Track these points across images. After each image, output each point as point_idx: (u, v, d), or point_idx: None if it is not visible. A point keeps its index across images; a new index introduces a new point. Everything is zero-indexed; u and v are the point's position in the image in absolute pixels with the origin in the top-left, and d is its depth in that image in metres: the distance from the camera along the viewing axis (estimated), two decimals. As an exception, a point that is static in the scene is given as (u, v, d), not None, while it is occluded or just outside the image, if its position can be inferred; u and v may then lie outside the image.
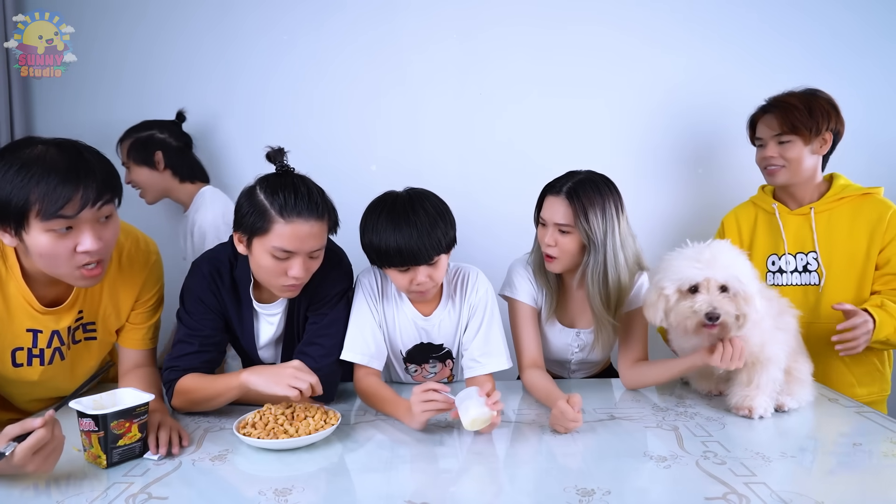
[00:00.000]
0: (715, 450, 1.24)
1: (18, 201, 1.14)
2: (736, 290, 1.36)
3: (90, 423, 1.16)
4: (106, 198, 1.22)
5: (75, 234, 1.20)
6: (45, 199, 1.14)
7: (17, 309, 1.31)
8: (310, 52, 2.38)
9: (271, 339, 1.57)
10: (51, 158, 1.17)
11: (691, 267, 1.38)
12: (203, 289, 1.49)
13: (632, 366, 1.63)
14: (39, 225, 1.16)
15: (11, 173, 1.14)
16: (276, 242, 1.34)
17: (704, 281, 1.37)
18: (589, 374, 1.86)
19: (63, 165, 1.17)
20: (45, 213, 1.15)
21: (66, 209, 1.16)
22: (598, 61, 2.38)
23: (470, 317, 1.59)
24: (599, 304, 1.59)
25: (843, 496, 1.07)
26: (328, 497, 1.07)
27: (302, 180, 1.40)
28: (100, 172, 1.21)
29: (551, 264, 1.61)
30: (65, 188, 1.15)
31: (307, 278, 1.43)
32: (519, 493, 1.11)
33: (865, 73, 2.38)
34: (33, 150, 1.18)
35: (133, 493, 1.07)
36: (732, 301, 1.36)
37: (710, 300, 1.35)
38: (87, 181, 1.18)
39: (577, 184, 1.56)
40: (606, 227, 1.54)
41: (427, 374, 1.68)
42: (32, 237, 1.18)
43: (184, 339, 1.48)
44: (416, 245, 1.40)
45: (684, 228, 2.31)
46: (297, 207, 1.34)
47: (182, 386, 1.41)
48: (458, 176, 2.38)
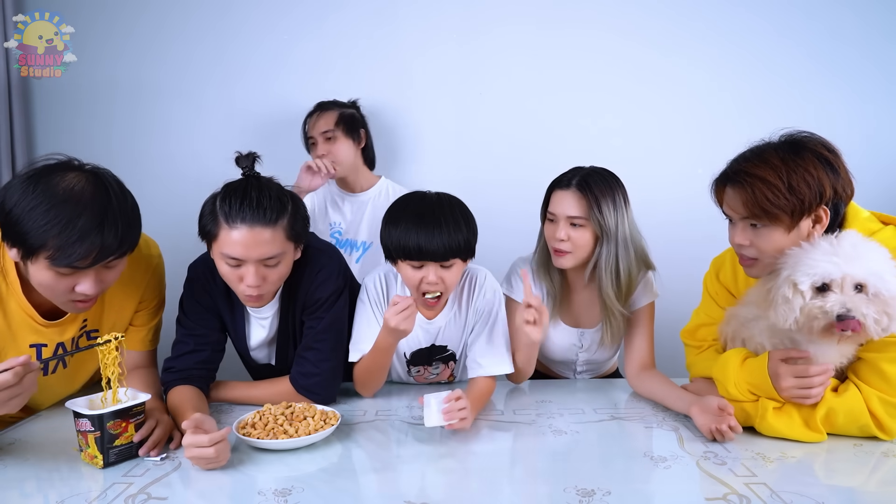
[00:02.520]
0: (715, 450, 1.24)
1: (35, 241, 1.13)
2: (876, 290, 1.17)
3: (86, 423, 1.15)
4: (120, 253, 1.21)
5: (77, 276, 1.19)
6: (61, 251, 1.13)
7: (20, 325, 1.30)
8: (310, 52, 2.38)
9: (263, 340, 1.56)
10: (80, 202, 1.14)
11: (826, 262, 1.19)
12: (198, 289, 1.50)
13: (639, 372, 1.61)
14: (45, 264, 1.15)
15: (38, 212, 1.12)
16: (223, 249, 1.32)
17: (840, 278, 1.18)
18: (595, 375, 1.85)
19: (88, 216, 1.14)
20: (55, 261, 1.14)
21: (78, 263, 1.15)
22: (598, 63, 2.39)
23: (476, 320, 1.59)
24: (612, 294, 1.58)
25: (844, 497, 1.06)
26: (328, 497, 1.07)
27: (258, 185, 1.35)
28: (122, 226, 1.18)
29: (562, 259, 1.59)
30: (83, 245, 1.13)
31: (266, 288, 1.38)
32: (519, 493, 1.11)
33: (865, 73, 2.38)
34: (67, 183, 1.15)
35: (132, 493, 1.07)
36: (872, 302, 1.17)
37: (843, 300, 1.18)
38: (108, 238, 1.16)
39: (587, 176, 1.56)
40: (618, 218, 1.54)
41: (429, 376, 1.67)
42: (35, 269, 1.17)
43: (180, 340, 1.49)
44: (436, 241, 1.39)
45: (684, 229, 2.31)
46: (242, 213, 1.30)
47: (170, 401, 1.41)
48: (458, 176, 2.38)
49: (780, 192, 1.22)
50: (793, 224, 1.24)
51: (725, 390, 1.34)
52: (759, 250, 1.29)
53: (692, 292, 1.62)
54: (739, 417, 1.30)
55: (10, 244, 1.18)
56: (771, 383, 1.26)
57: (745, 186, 1.25)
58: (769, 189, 1.22)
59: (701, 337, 1.54)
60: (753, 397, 1.31)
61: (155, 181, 2.36)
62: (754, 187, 1.24)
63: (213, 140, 2.39)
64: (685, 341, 1.58)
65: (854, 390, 1.25)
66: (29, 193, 1.14)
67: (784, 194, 1.22)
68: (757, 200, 1.24)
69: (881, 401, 1.23)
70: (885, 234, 1.28)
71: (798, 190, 1.21)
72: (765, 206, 1.23)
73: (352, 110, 2.23)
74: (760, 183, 1.23)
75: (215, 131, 2.41)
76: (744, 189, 1.26)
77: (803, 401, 1.26)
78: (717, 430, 1.26)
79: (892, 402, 1.23)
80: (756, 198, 1.24)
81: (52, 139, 2.42)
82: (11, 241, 1.17)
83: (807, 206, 1.22)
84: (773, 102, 2.40)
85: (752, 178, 1.24)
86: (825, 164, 1.24)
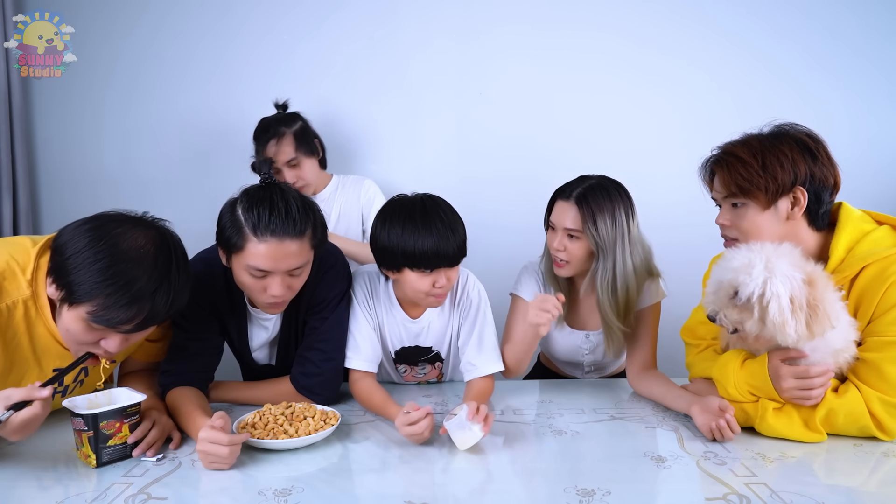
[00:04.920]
0: (715, 450, 1.24)
1: (84, 295, 1.10)
2: (748, 296, 1.20)
3: (81, 422, 1.15)
4: (163, 321, 1.19)
5: (108, 333, 1.16)
6: (106, 310, 1.10)
7: (45, 351, 1.26)
8: (310, 52, 2.38)
9: (265, 342, 1.55)
10: (141, 265, 1.11)
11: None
12: (197, 292, 1.44)
13: (640, 372, 1.61)
14: (83, 317, 1.12)
15: (97, 268, 1.09)
16: (250, 261, 1.29)
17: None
18: (604, 375, 1.85)
19: (145, 281, 1.11)
20: (95, 317, 1.11)
21: (119, 327, 1.13)
22: (598, 63, 2.39)
23: (462, 319, 1.58)
24: (609, 310, 1.57)
25: (844, 497, 1.06)
26: (328, 497, 1.07)
27: (282, 195, 1.31)
28: (174, 295, 1.16)
29: (560, 269, 1.60)
30: (129, 311, 1.11)
31: (290, 296, 1.38)
32: (519, 494, 1.11)
33: (865, 73, 2.38)
34: (133, 242, 1.12)
35: (132, 493, 1.07)
36: (744, 309, 1.22)
37: (713, 302, 1.27)
38: (158, 305, 1.14)
39: (587, 189, 1.54)
40: (616, 234, 1.52)
41: (417, 375, 1.68)
42: (70, 316, 1.13)
43: (177, 343, 1.46)
44: (446, 245, 1.38)
45: (684, 231, 2.31)
46: (272, 226, 1.27)
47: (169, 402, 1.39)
48: (457, 176, 2.39)
49: (754, 169, 1.28)
50: (769, 202, 1.30)
51: (725, 391, 1.34)
52: (740, 230, 1.34)
53: (693, 294, 1.62)
54: (739, 418, 1.31)
55: (57, 286, 1.13)
56: (771, 384, 1.26)
57: (723, 167, 1.34)
58: (743, 167, 1.29)
59: (700, 335, 1.54)
60: (753, 398, 1.31)
61: (155, 181, 2.37)
62: (731, 165, 1.32)
63: (213, 140, 2.40)
64: (685, 339, 1.58)
65: (854, 391, 1.25)
66: (94, 245, 1.10)
67: (758, 171, 1.28)
68: (733, 178, 1.31)
69: (881, 401, 1.23)
70: (879, 234, 1.31)
71: (771, 168, 1.27)
72: (740, 182, 1.29)
73: (299, 123, 2.12)
74: (736, 161, 1.31)
75: (215, 131, 2.41)
76: (721, 169, 1.34)
77: (803, 402, 1.26)
78: (716, 427, 1.26)
79: (893, 403, 1.23)
80: (732, 175, 1.31)
81: (52, 139, 2.42)
82: (59, 284, 1.13)
83: (780, 185, 1.27)
84: (773, 102, 2.40)
85: (730, 156, 1.33)
86: (803, 148, 1.29)
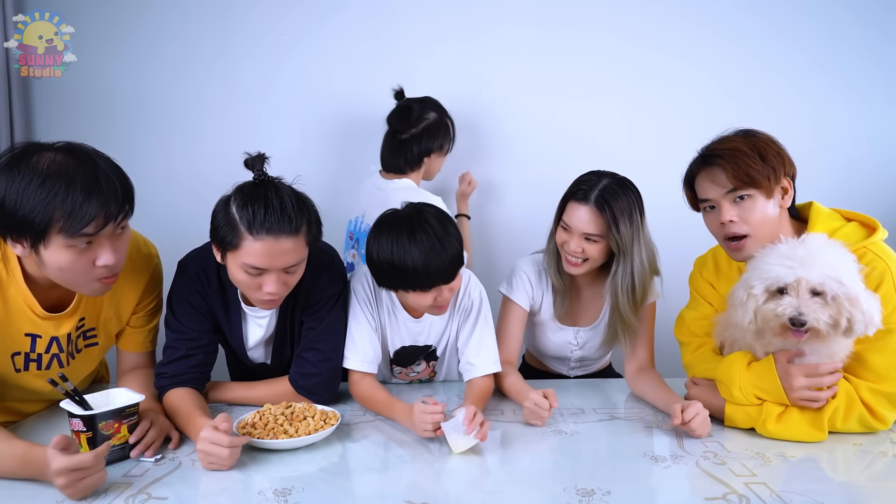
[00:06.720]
0: (715, 450, 1.24)
1: (42, 218, 1.10)
2: (835, 294, 1.19)
3: (79, 423, 1.15)
4: (126, 210, 1.20)
5: (94, 248, 1.18)
6: (70, 217, 1.11)
7: (17, 313, 1.29)
8: (310, 52, 2.38)
9: (260, 340, 1.55)
10: (70, 170, 1.12)
11: (782, 266, 1.23)
12: (190, 290, 1.46)
13: (637, 373, 1.62)
14: (61, 241, 1.13)
15: (33, 188, 1.10)
16: (246, 259, 1.28)
17: (795, 282, 1.21)
18: (588, 371, 1.86)
19: (85, 179, 1.13)
20: (68, 231, 1.12)
21: (90, 227, 1.14)
22: (598, 63, 2.39)
23: (462, 319, 1.58)
24: (629, 310, 1.57)
25: (844, 496, 1.07)
26: (328, 497, 1.07)
27: (277, 192, 1.29)
28: (119, 184, 1.17)
29: (576, 268, 1.57)
30: (90, 206, 1.12)
31: (285, 292, 1.37)
32: (519, 494, 1.11)
33: (865, 73, 2.38)
34: (48, 159, 1.13)
35: (132, 493, 1.07)
36: (827, 306, 1.19)
37: (796, 304, 1.21)
38: (110, 196, 1.15)
39: (606, 191, 1.50)
40: (634, 234, 1.51)
41: (411, 373, 1.68)
42: (52, 252, 1.15)
43: (171, 345, 1.45)
44: (437, 261, 1.35)
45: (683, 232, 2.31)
46: (267, 223, 1.25)
47: (167, 404, 1.40)
48: (457, 175, 2.38)
49: (756, 160, 1.32)
50: (771, 190, 1.34)
51: (730, 393, 1.34)
52: (749, 223, 1.35)
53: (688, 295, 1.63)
54: (742, 420, 1.31)
55: (15, 237, 1.14)
56: (780, 385, 1.27)
57: (726, 160, 1.34)
58: (747, 157, 1.32)
59: (691, 331, 1.55)
60: (758, 401, 1.31)
61: (155, 181, 2.36)
62: (736, 158, 1.33)
63: (213, 140, 2.40)
64: (679, 339, 1.60)
65: (845, 383, 1.27)
66: (15, 178, 1.11)
67: (759, 161, 1.32)
68: (741, 168, 1.32)
69: (870, 390, 1.25)
70: (847, 230, 1.33)
71: (768, 158, 1.33)
72: (749, 171, 1.31)
73: (434, 113, 2.06)
74: (738, 153, 1.33)
75: (215, 131, 2.41)
76: (725, 163, 1.34)
77: (811, 404, 1.26)
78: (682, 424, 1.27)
79: (882, 391, 1.25)
80: (739, 166, 1.32)
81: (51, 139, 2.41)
82: (16, 234, 1.13)
83: (776, 174, 1.33)
84: (773, 102, 2.40)
85: (730, 151, 1.34)
86: (776, 145, 1.36)
